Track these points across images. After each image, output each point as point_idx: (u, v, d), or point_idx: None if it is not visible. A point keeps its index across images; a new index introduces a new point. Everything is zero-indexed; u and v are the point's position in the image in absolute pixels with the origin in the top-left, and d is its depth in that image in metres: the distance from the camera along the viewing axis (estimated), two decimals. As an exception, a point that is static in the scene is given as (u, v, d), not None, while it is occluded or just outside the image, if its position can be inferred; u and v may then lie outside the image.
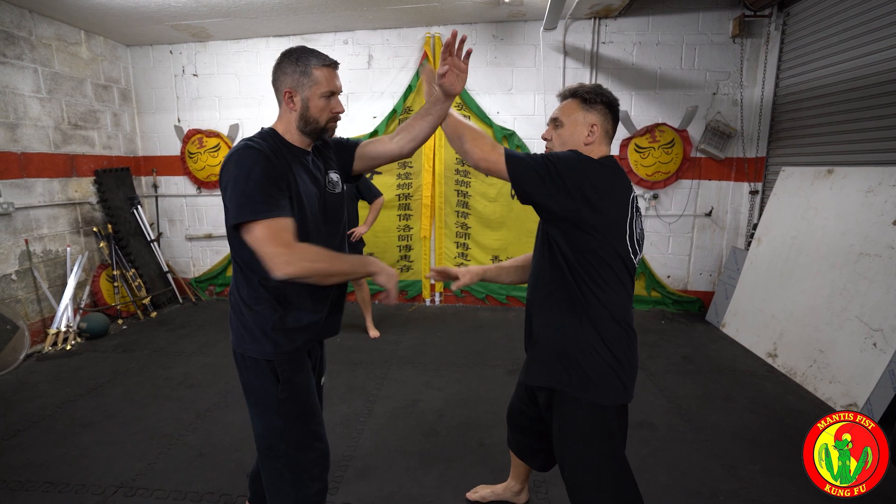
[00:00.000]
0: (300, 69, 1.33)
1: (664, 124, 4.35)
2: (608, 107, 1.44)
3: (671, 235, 4.57)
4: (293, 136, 1.39)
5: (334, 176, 1.50)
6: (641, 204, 4.51)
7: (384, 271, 1.35)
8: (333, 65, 1.37)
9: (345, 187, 1.55)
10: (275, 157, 1.29)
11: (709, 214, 4.49)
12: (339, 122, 1.45)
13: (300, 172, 1.36)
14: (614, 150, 4.46)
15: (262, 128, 1.42)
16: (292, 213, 1.28)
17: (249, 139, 1.32)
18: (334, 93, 1.37)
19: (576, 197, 1.26)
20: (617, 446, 1.39)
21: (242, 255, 1.32)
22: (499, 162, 1.34)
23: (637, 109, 4.39)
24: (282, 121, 1.40)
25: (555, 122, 1.47)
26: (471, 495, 2.02)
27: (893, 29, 2.90)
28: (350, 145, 1.57)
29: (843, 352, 2.84)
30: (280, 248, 1.19)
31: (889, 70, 2.93)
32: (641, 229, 1.42)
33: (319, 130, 1.39)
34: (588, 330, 1.34)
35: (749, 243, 4.06)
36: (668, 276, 4.66)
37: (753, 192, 4.25)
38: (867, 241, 2.89)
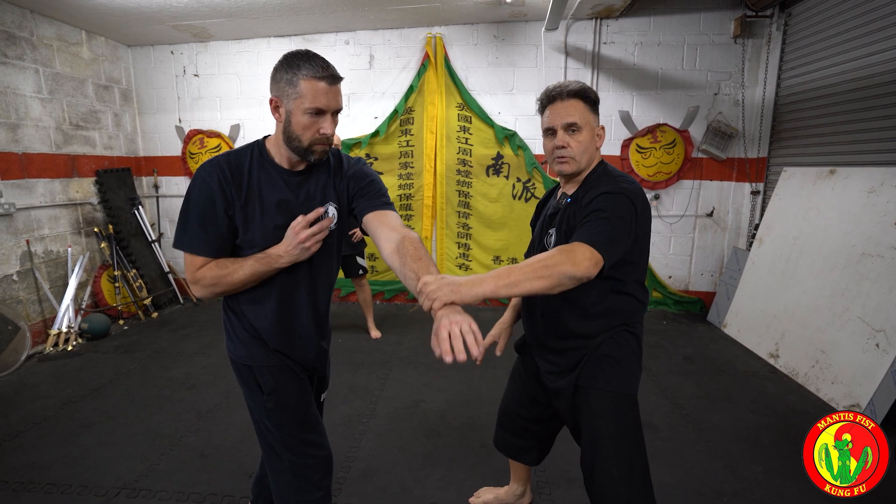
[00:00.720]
0: (288, 77, 1.19)
1: (665, 124, 4.35)
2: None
3: (672, 236, 4.57)
4: (280, 152, 1.29)
5: (331, 210, 1.35)
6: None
7: (286, 255, 1.26)
8: (328, 79, 1.18)
9: (336, 224, 1.38)
10: (224, 185, 1.24)
11: (710, 215, 4.49)
12: (341, 122, 1.43)
13: (267, 198, 1.28)
14: (616, 151, 4.46)
15: (267, 136, 1.36)
16: (220, 243, 1.28)
17: (217, 157, 1.28)
18: (323, 111, 1.20)
19: (635, 229, 1.31)
20: (642, 435, 1.43)
21: None
22: (594, 256, 1.19)
23: (638, 110, 4.39)
24: (275, 130, 1.30)
25: (571, 127, 1.36)
26: (474, 500, 2.00)
27: (894, 29, 2.90)
28: (366, 201, 1.36)
29: (845, 352, 2.83)
30: (191, 276, 1.30)
31: (891, 70, 2.93)
32: None
33: (302, 150, 1.24)
34: (621, 325, 1.40)
35: (750, 244, 4.05)
36: (670, 277, 4.66)
37: (755, 193, 4.25)
38: (869, 241, 2.89)
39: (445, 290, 1.05)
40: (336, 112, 1.25)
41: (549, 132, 1.41)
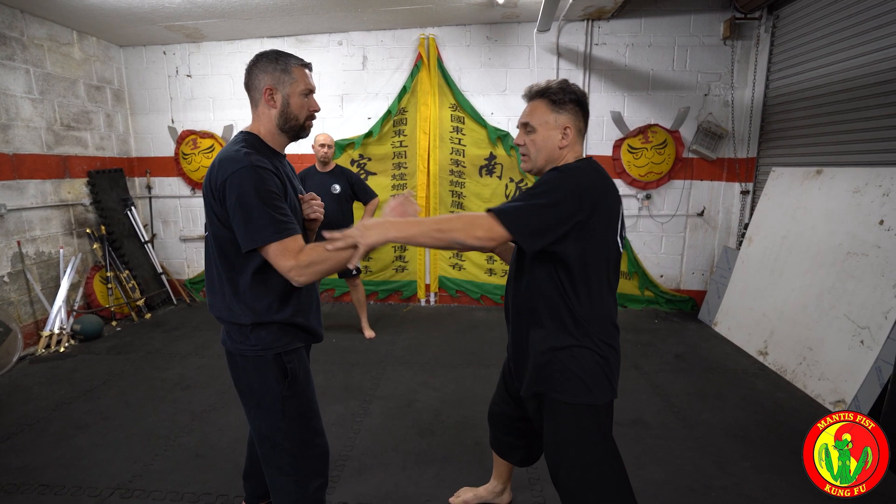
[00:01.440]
0: (280, 67, 1.36)
1: (657, 125, 4.39)
2: (578, 105, 1.38)
3: (664, 235, 4.61)
4: (274, 138, 1.42)
5: (298, 185, 1.55)
6: (634, 204, 4.56)
7: (362, 236, 1.27)
8: (309, 66, 1.44)
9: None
10: (274, 169, 1.33)
11: (701, 214, 4.54)
12: (335, 122, 1.47)
13: (285, 175, 1.42)
14: (607, 151, 4.50)
15: (242, 132, 1.41)
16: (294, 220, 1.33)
17: (247, 151, 1.29)
18: (311, 91, 1.43)
19: (575, 216, 1.25)
20: (611, 442, 1.42)
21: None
22: (494, 226, 1.23)
23: (630, 110, 4.43)
24: (260, 121, 1.40)
25: (526, 127, 1.41)
26: (454, 500, 2.01)
27: (879, 32, 2.95)
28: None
29: (831, 349, 2.88)
30: (294, 261, 1.26)
31: (875, 72, 2.99)
32: (624, 226, 1.44)
33: (298, 128, 1.42)
34: (577, 335, 1.36)
35: (740, 243, 4.11)
36: (661, 276, 4.70)
37: (744, 192, 4.30)
38: (855, 240, 2.94)
39: (359, 230, 1.24)
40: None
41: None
